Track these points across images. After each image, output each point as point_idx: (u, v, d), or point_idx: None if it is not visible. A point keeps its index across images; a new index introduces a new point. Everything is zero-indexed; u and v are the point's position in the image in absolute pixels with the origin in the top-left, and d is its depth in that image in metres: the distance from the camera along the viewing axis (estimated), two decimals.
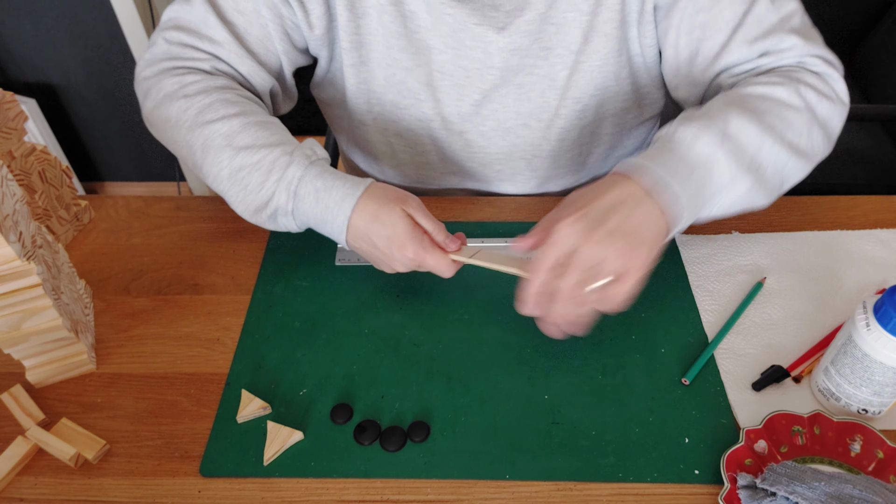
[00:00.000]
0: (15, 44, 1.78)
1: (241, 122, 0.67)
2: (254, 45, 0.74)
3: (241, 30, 0.73)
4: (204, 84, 0.70)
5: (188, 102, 0.69)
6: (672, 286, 0.71)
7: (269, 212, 0.65)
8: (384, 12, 0.74)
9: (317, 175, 0.64)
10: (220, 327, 0.69)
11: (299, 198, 0.64)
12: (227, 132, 0.67)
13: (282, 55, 0.76)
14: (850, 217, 0.79)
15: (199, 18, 0.72)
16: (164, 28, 0.75)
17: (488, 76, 0.77)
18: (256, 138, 0.66)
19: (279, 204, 0.64)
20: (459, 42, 0.75)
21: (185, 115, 0.69)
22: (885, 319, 0.53)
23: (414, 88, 0.79)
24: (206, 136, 0.67)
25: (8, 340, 0.60)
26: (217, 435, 0.60)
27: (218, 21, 0.72)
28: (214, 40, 0.72)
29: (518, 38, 0.74)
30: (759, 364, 0.64)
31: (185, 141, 0.69)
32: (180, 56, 0.73)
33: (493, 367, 0.65)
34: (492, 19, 0.73)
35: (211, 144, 0.67)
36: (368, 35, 0.76)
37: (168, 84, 0.71)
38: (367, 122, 0.83)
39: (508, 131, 0.82)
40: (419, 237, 0.62)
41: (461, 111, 0.80)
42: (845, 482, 0.52)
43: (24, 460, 0.59)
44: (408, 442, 0.59)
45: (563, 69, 0.76)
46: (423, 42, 0.75)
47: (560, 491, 0.56)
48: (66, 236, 0.79)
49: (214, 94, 0.69)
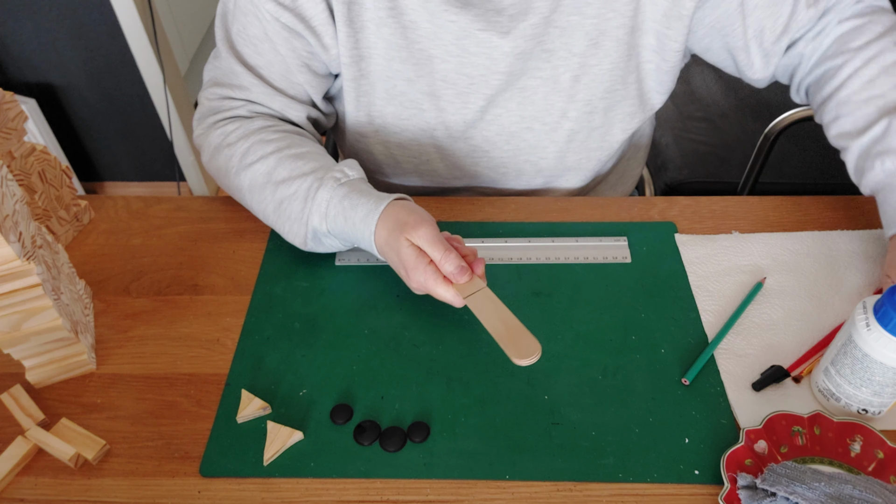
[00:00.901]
0: (15, 44, 1.78)
1: (277, 157, 0.72)
2: (278, 82, 0.77)
3: (263, 71, 0.77)
4: (242, 130, 0.76)
5: (231, 150, 0.75)
6: (672, 286, 0.71)
7: (311, 235, 0.70)
8: (383, 25, 0.74)
9: (344, 196, 0.67)
10: (220, 328, 0.69)
11: (330, 218, 0.68)
12: (266, 170, 0.72)
13: (305, 86, 0.78)
14: (850, 217, 0.79)
15: (228, 69, 0.78)
16: (204, 88, 0.81)
17: (493, 81, 0.77)
18: (292, 170, 0.71)
19: (316, 226, 0.69)
20: (463, 49, 0.75)
21: (231, 163, 0.75)
22: (886, 319, 0.53)
23: (416, 99, 0.79)
24: (251, 177, 0.73)
25: (8, 340, 0.60)
26: (217, 435, 0.60)
27: (243, 68, 0.76)
28: (244, 87, 0.77)
29: (522, 42, 0.74)
30: (759, 364, 0.64)
31: (236, 186, 0.75)
32: (220, 109, 0.78)
33: (492, 368, 0.65)
34: (496, 24, 0.73)
35: (255, 185, 0.73)
36: (368, 48, 0.76)
37: (214, 137, 0.78)
38: (369, 135, 0.84)
39: (513, 135, 0.82)
40: (423, 267, 0.62)
41: (465, 118, 0.80)
42: (845, 482, 0.52)
43: (24, 460, 0.59)
44: (408, 442, 0.59)
45: (566, 71, 0.77)
46: (424, 52, 0.76)
47: (560, 491, 0.56)
48: (66, 236, 0.79)
49: (252, 138, 0.74)
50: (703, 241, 0.76)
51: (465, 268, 0.62)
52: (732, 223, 0.79)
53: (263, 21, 0.73)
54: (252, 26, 0.74)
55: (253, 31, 0.75)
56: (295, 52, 0.75)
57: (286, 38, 0.74)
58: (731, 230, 0.78)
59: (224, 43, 0.77)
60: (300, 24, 0.73)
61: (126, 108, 1.93)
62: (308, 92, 0.79)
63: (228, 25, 0.77)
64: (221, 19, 0.78)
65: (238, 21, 0.75)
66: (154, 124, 1.96)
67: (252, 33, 0.75)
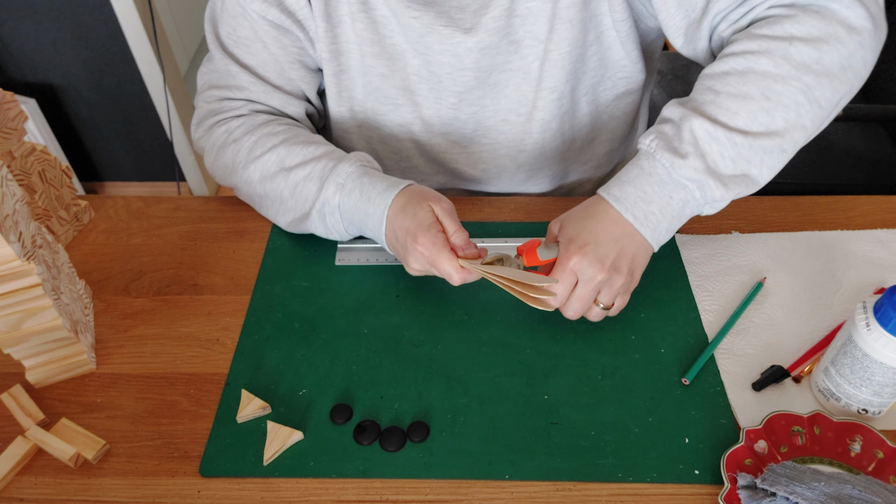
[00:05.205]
0: (15, 44, 1.78)
1: (287, 146, 0.72)
2: (274, 79, 0.78)
3: (258, 70, 0.77)
4: (247, 125, 0.76)
5: (237, 146, 0.75)
6: (672, 286, 0.71)
7: (318, 208, 0.69)
8: (356, 20, 0.75)
9: (363, 173, 0.68)
10: (220, 327, 0.69)
11: (346, 191, 0.68)
12: (277, 159, 0.72)
13: (299, 81, 0.79)
14: (849, 217, 0.79)
15: (223, 71, 0.78)
16: (200, 92, 0.81)
17: (461, 79, 0.77)
18: (304, 155, 0.71)
19: (328, 198, 0.68)
20: (427, 47, 0.75)
21: (238, 158, 0.75)
22: (885, 319, 0.53)
23: (391, 94, 0.80)
24: (262, 168, 0.73)
25: (8, 340, 0.60)
26: (217, 435, 0.60)
27: (239, 68, 0.77)
28: (242, 87, 0.77)
29: (486, 37, 0.74)
30: (759, 364, 0.64)
31: (244, 179, 0.75)
32: (221, 110, 0.78)
33: (492, 368, 0.65)
34: (459, 21, 0.73)
35: (267, 174, 0.73)
36: (345, 43, 0.77)
37: (217, 135, 0.78)
38: (352, 130, 0.84)
39: (490, 129, 0.82)
40: (434, 232, 0.62)
41: (440, 114, 0.81)
42: (845, 482, 0.52)
43: (24, 460, 0.59)
44: (407, 442, 0.59)
45: (535, 60, 0.76)
46: (395, 47, 0.76)
47: (559, 491, 0.56)
48: (66, 236, 0.79)
49: (258, 132, 0.75)
50: (703, 240, 0.76)
51: (473, 244, 0.64)
52: (732, 223, 0.79)
53: (252, 21, 0.74)
54: (242, 27, 0.75)
55: (243, 33, 0.75)
56: (286, 49, 0.76)
57: (276, 37, 0.75)
58: (731, 230, 0.78)
59: (216, 46, 0.78)
60: (287, 20, 0.73)
61: (126, 108, 1.93)
62: (303, 88, 0.80)
63: (218, 28, 0.77)
64: (210, 23, 0.78)
65: (227, 24, 0.76)
66: (154, 124, 1.96)
67: (242, 34, 0.75)
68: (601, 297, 0.63)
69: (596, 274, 0.61)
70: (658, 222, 0.62)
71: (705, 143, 0.60)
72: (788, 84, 0.61)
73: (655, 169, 0.62)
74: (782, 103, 0.61)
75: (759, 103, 0.61)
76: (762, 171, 0.62)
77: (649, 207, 0.62)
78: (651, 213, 0.62)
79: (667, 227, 0.63)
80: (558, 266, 0.62)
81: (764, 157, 0.62)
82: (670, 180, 0.62)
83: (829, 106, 0.63)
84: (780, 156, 0.63)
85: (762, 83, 0.61)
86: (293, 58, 0.77)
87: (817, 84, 0.62)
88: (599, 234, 0.62)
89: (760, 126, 0.61)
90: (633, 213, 0.62)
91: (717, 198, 0.62)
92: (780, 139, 0.61)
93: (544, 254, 0.63)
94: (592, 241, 0.61)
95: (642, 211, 0.62)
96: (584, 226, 0.63)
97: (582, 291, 0.62)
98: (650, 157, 0.62)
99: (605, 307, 0.64)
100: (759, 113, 0.61)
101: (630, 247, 0.62)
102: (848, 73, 0.63)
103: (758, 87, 0.61)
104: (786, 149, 0.63)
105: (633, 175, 0.63)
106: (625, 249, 0.62)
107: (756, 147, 0.61)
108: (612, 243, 0.62)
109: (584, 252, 0.61)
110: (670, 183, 0.62)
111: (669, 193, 0.62)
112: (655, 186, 0.62)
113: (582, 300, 0.62)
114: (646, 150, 0.63)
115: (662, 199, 0.62)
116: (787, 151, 0.63)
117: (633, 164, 0.64)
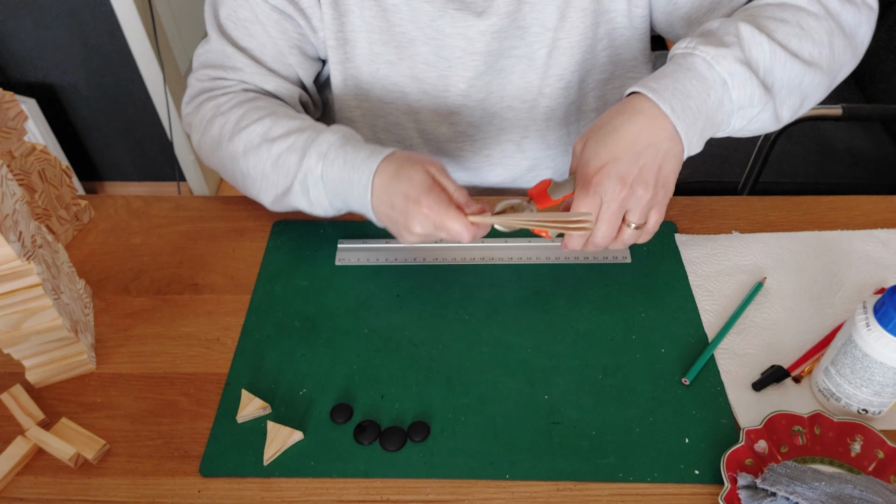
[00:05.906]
0: (15, 44, 1.78)
1: (273, 118, 0.71)
2: (271, 63, 0.77)
3: (256, 52, 0.77)
4: (236, 100, 0.75)
5: (224, 118, 0.74)
6: (672, 286, 0.71)
7: (301, 179, 0.67)
8: (365, 8, 0.75)
9: (346, 142, 0.66)
10: (220, 327, 0.69)
11: (329, 161, 0.66)
12: (262, 130, 0.70)
13: (296, 67, 0.79)
14: (850, 217, 0.79)
15: (219, 51, 0.77)
16: (193, 71, 0.80)
17: (471, 63, 0.77)
18: (289, 128, 0.69)
19: (310, 167, 0.66)
20: (439, 31, 0.75)
21: (225, 130, 0.73)
22: (886, 319, 0.53)
23: (399, 82, 0.80)
24: (246, 140, 0.71)
25: (8, 340, 0.60)
26: (217, 435, 0.60)
27: (235, 50, 0.76)
28: (237, 68, 0.77)
29: (498, 20, 0.74)
30: (759, 364, 0.64)
31: (230, 154, 0.73)
32: (213, 87, 0.78)
33: (492, 368, 0.65)
34: (471, 4, 0.74)
35: (251, 145, 0.71)
36: (352, 31, 0.77)
37: (206, 110, 0.76)
38: (357, 119, 0.84)
39: (495, 115, 0.82)
40: (437, 193, 0.60)
41: (448, 102, 0.81)
42: (845, 482, 0.52)
43: (24, 460, 0.59)
44: (408, 442, 0.59)
45: (542, 47, 0.76)
46: (405, 35, 0.76)
47: (560, 491, 0.56)
48: (66, 236, 0.79)
49: (246, 105, 0.74)
50: (704, 240, 0.76)
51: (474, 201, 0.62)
52: (732, 223, 0.79)
53: (253, 3, 0.74)
54: (242, 9, 0.75)
55: (243, 14, 0.75)
56: (286, 34, 0.76)
57: (277, 21, 0.75)
58: (731, 230, 0.78)
59: (214, 27, 0.77)
60: (290, 6, 0.74)
61: (126, 107, 1.93)
62: (299, 74, 0.80)
63: (218, 10, 0.77)
64: (210, 4, 0.78)
65: (227, 4, 0.76)
66: (154, 124, 1.96)
67: (242, 16, 0.75)
68: (630, 215, 0.60)
69: (619, 191, 0.58)
70: (694, 119, 0.59)
71: (749, 41, 0.60)
72: (819, 21, 0.63)
73: (695, 63, 0.60)
74: (812, 37, 0.63)
75: (794, 29, 0.62)
76: (784, 106, 0.63)
77: (688, 102, 0.59)
78: (689, 109, 0.59)
79: (700, 128, 0.60)
80: (579, 192, 0.59)
81: (790, 93, 0.63)
82: (710, 74, 0.59)
83: (838, 62, 0.66)
84: (798, 97, 0.64)
85: (797, 14, 0.63)
86: (293, 43, 0.77)
87: (838, 32, 0.65)
88: (620, 150, 0.58)
89: (794, 48, 0.62)
90: (672, 104, 0.58)
91: (755, 99, 0.60)
92: (805, 69, 0.62)
93: (556, 193, 0.61)
94: (611, 158, 0.58)
95: (680, 104, 0.58)
96: (604, 143, 0.59)
97: (607, 213, 0.59)
98: (688, 56, 0.61)
99: (638, 226, 0.60)
100: (793, 37, 0.62)
101: (656, 157, 0.58)
102: (854, 39, 0.66)
103: (794, 16, 0.63)
104: (804, 88, 0.64)
105: (669, 70, 0.60)
106: (649, 162, 0.58)
107: (787, 68, 0.62)
108: (633, 158, 0.58)
109: (603, 172, 0.58)
110: (710, 78, 0.59)
111: (707, 90, 0.59)
112: (694, 81, 0.59)
113: (608, 222, 0.59)
114: (682, 51, 0.61)
115: (700, 94, 0.59)
116: (805, 94, 0.64)
117: (668, 63, 0.62)
